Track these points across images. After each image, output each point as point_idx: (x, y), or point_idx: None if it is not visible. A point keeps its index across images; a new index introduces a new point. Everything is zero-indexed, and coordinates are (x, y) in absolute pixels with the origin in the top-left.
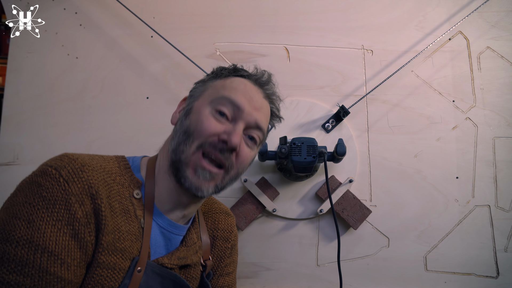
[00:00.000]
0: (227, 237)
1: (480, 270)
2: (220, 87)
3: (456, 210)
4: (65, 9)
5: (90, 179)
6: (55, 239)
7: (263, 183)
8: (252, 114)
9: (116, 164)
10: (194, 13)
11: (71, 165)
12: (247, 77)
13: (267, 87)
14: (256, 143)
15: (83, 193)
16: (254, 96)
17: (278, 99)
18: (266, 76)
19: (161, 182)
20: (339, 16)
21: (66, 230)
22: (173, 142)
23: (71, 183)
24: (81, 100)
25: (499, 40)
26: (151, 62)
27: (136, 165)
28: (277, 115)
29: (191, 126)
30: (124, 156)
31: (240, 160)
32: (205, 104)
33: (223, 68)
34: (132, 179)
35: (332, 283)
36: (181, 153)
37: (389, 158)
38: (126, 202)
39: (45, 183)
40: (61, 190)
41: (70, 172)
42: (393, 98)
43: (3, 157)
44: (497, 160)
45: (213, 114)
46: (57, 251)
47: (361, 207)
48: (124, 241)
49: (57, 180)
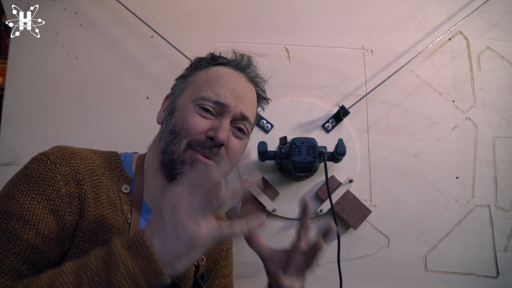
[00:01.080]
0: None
1: (480, 270)
2: (202, 82)
3: (456, 210)
4: (65, 9)
5: (78, 166)
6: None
7: (263, 183)
8: (237, 106)
9: (107, 159)
10: (194, 13)
11: (60, 152)
12: (226, 64)
13: (248, 70)
14: (245, 133)
15: (69, 175)
16: (237, 84)
17: (262, 80)
18: (246, 60)
19: (151, 180)
20: (339, 16)
21: (46, 204)
22: (161, 143)
23: (58, 165)
24: (81, 100)
25: (499, 40)
26: (151, 62)
27: (128, 161)
28: (263, 97)
29: (177, 125)
30: (116, 152)
31: (230, 152)
32: (188, 102)
33: (201, 58)
34: (122, 174)
35: (332, 283)
36: (172, 154)
37: (389, 158)
38: (114, 196)
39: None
40: (46, 169)
41: (58, 157)
42: (393, 98)
43: (3, 157)
44: (497, 160)
45: (198, 111)
46: (33, 221)
47: (361, 207)
48: (107, 233)
49: (44, 162)
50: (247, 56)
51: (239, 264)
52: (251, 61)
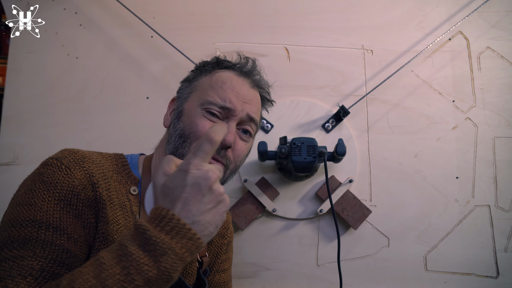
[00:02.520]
0: (223, 233)
1: (480, 270)
2: (207, 87)
3: (456, 210)
4: (65, 9)
5: (91, 169)
6: (59, 217)
7: (263, 183)
8: (243, 110)
9: (114, 161)
10: (194, 13)
11: (72, 156)
12: (231, 68)
13: (253, 74)
14: (250, 135)
15: (85, 179)
16: (242, 89)
17: (267, 83)
18: (251, 64)
19: None
20: (339, 16)
21: (69, 209)
22: (169, 146)
23: (73, 170)
24: (81, 100)
25: (499, 40)
26: (151, 62)
27: (134, 163)
28: (268, 99)
29: (185, 129)
30: (122, 154)
31: (236, 154)
32: (195, 107)
33: (206, 62)
34: (129, 176)
35: (332, 283)
36: (181, 156)
37: (389, 158)
38: (123, 198)
39: (46, 171)
40: (63, 174)
41: (71, 161)
42: (393, 98)
43: (3, 157)
44: (497, 160)
45: (205, 115)
46: (62, 226)
47: (361, 207)
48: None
49: (58, 167)
50: (251, 60)
51: (239, 264)
52: (256, 64)
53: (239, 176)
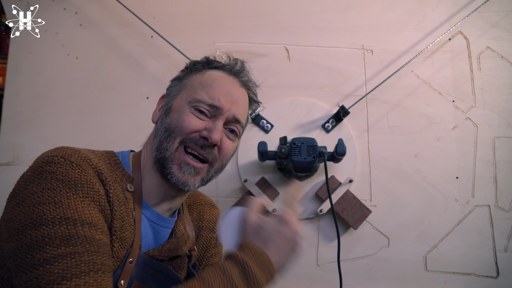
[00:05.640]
0: (212, 227)
1: (480, 270)
2: (197, 85)
3: (456, 210)
4: (65, 9)
5: (99, 167)
6: (89, 213)
7: (263, 183)
8: (230, 109)
9: (107, 160)
10: (194, 13)
11: (77, 154)
12: (221, 68)
13: (241, 75)
14: (237, 135)
15: (96, 176)
16: (230, 88)
17: (254, 85)
18: (240, 64)
19: (147, 177)
20: (339, 16)
21: (94, 206)
22: (155, 140)
23: (85, 167)
24: (81, 100)
25: (499, 40)
26: (151, 62)
27: (126, 161)
28: (255, 100)
29: (172, 124)
30: (113, 152)
31: (223, 153)
32: (183, 104)
33: (196, 62)
34: (124, 173)
35: (332, 283)
36: (165, 151)
37: (389, 158)
38: (121, 195)
39: (58, 169)
40: (77, 172)
41: (79, 159)
42: (393, 98)
43: (3, 157)
44: (497, 160)
45: (193, 112)
46: (95, 222)
47: (361, 207)
48: (125, 230)
49: (69, 164)
50: (240, 61)
51: None
52: (244, 65)
53: (239, 176)
